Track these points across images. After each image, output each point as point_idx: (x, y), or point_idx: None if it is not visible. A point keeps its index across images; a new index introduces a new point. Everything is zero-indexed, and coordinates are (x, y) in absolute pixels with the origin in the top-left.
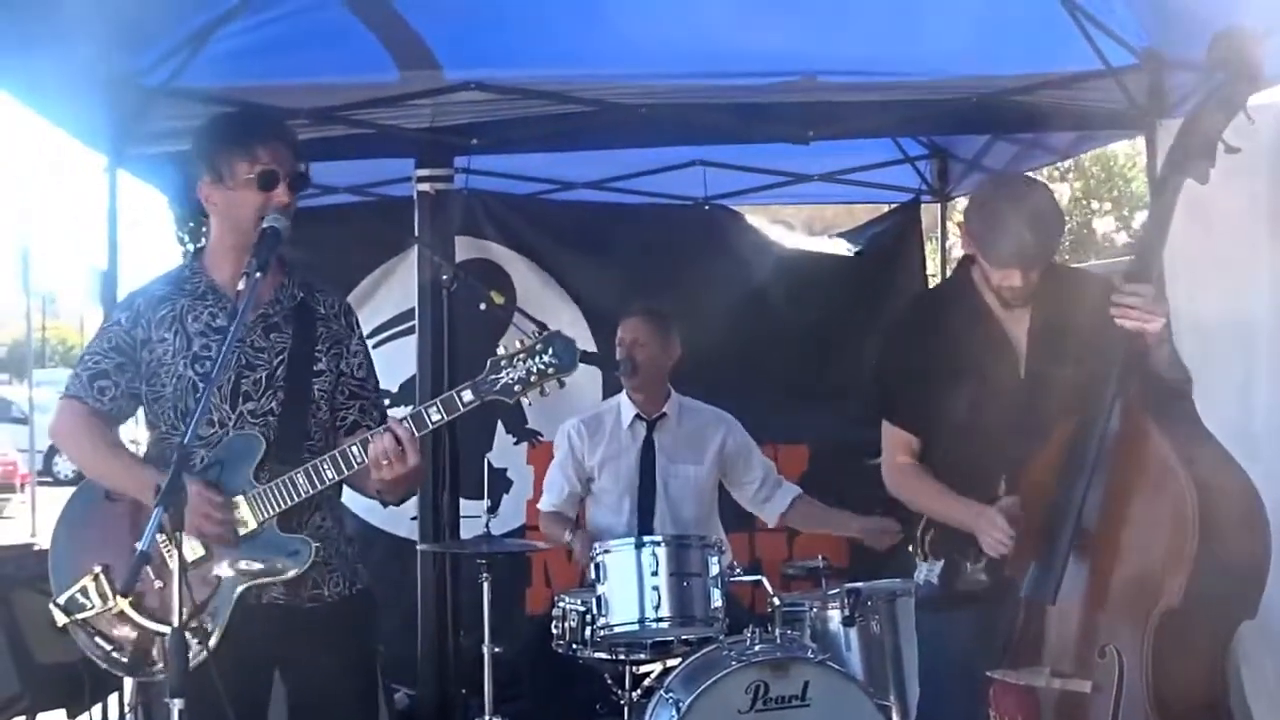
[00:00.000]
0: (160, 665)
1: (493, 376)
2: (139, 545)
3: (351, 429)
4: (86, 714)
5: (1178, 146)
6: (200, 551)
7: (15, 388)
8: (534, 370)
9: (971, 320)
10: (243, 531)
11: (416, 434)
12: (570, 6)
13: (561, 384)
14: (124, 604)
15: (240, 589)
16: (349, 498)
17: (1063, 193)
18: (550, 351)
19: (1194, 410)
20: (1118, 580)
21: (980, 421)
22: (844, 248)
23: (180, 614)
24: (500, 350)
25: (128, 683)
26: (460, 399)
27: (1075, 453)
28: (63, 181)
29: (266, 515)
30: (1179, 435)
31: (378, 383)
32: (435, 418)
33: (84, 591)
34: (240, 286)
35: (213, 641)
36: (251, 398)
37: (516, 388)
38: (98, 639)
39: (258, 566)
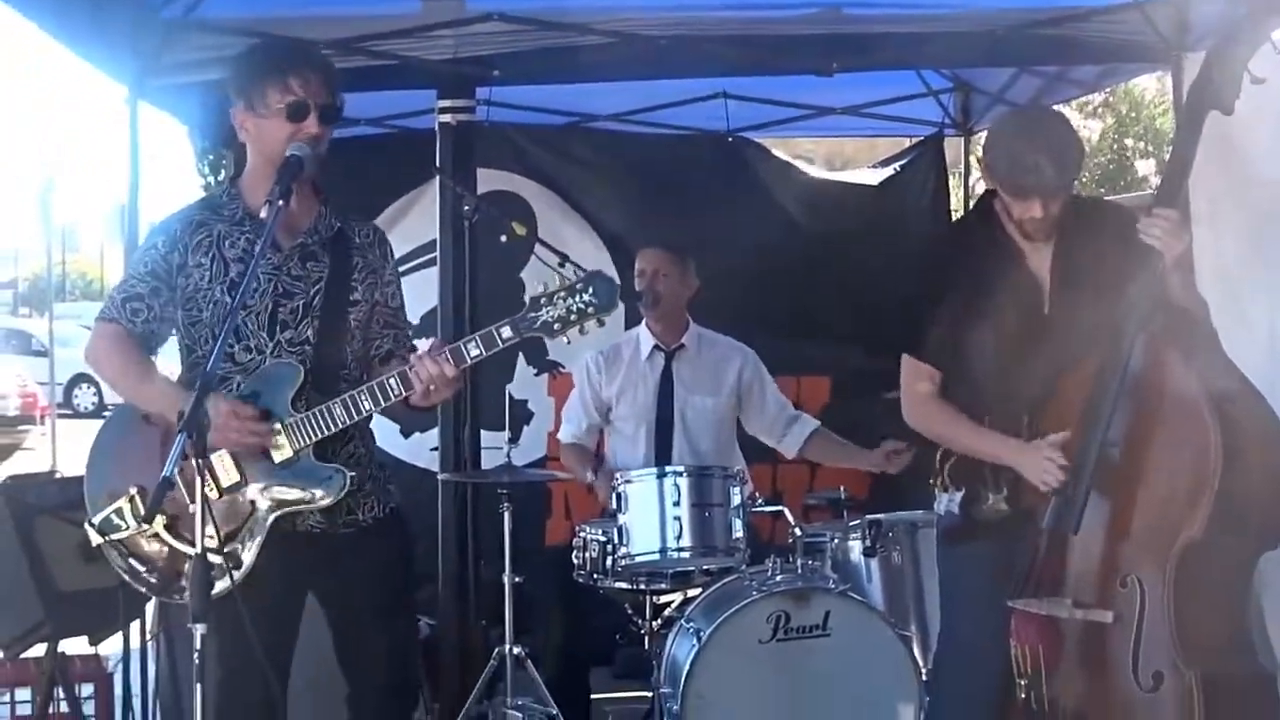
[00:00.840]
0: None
1: (532, 314)
2: (163, 472)
3: (386, 359)
4: (109, 640)
5: (1202, 78)
6: (235, 477)
7: (35, 321)
8: (574, 309)
9: (995, 254)
10: (279, 458)
11: (456, 368)
12: None
13: (601, 323)
14: (158, 526)
15: (275, 516)
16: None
17: (1094, 129)
18: (591, 290)
19: (1218, 343)
20: (1140, 511)
21: (1005, 356)
22: (867, 180)
23: (203, 541)
24: (527, 284)
25: (149, 609)
26: (499, 335)
27: (1099, 384)
28: (83, 115)
29: (303, 443)
30: (1201, 367)
31: (407, 314)
32: (474, 352)
33: (119, 513)
34: (263, 214)
35: (244, 567)
36: (289, 326)
37: (556, 326)
38: (131, 560)
39: (293, 494)
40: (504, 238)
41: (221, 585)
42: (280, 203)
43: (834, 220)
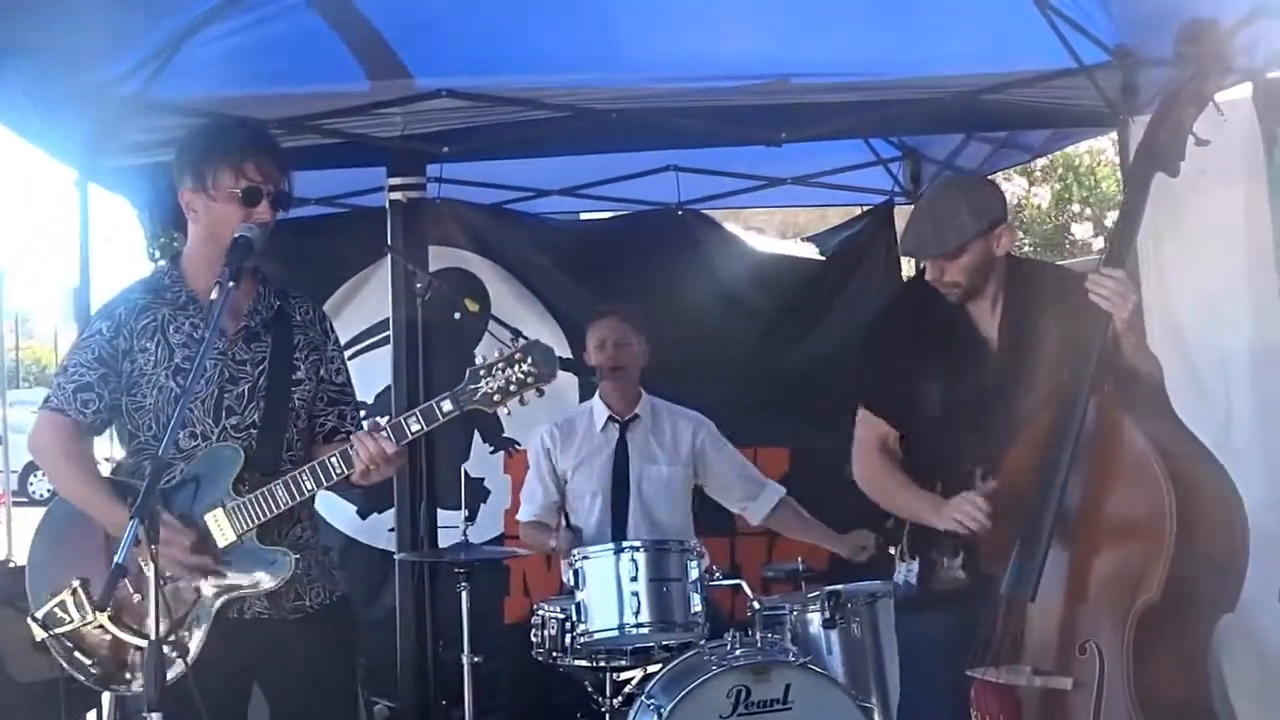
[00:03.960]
0: (138, 679)
1: (472, 386)
2: (115, 559)
3: (330, 435)
4: None
5: (1148, 140)
6: None
7: None
8: (513, 379)
9: (941, 313)
10: (222, 544)
11: (396, 445)
12: (540, 11)
13: (540, 393)
14: (103, 618)
15: (220, 602)
16: (328, 511)
17: (1043, 195)
18: (530, 360)
19: (1169, 405)
20: (1097, 575)
21: (954, 413)
22: (816, 251)
23: (157, 628)
24: (479, 359)
25: (105, 698)
26: (439, 409)
27: (1051, 449)
28: (34, 199)
29: (246, 527)
30: (1154, 429)
31: (354, 389)
32: (415, 428)
33: (62, 605)
34: (214, 296)
35: (192, 655)
36: (235, 412)
37: (496, 397)
38: (76, 653)
39: (237, 579)
40: (457, 315)
41: (173, 672)
42: (231, 284)
43: (786, 291)
